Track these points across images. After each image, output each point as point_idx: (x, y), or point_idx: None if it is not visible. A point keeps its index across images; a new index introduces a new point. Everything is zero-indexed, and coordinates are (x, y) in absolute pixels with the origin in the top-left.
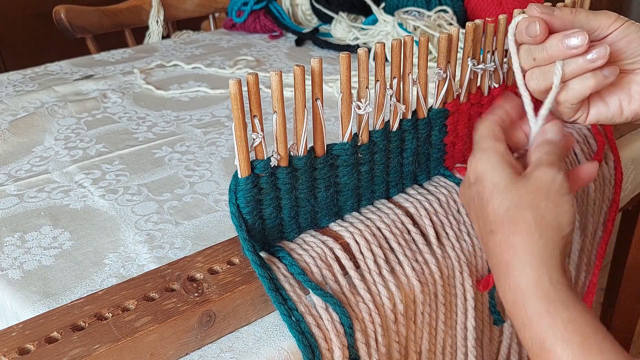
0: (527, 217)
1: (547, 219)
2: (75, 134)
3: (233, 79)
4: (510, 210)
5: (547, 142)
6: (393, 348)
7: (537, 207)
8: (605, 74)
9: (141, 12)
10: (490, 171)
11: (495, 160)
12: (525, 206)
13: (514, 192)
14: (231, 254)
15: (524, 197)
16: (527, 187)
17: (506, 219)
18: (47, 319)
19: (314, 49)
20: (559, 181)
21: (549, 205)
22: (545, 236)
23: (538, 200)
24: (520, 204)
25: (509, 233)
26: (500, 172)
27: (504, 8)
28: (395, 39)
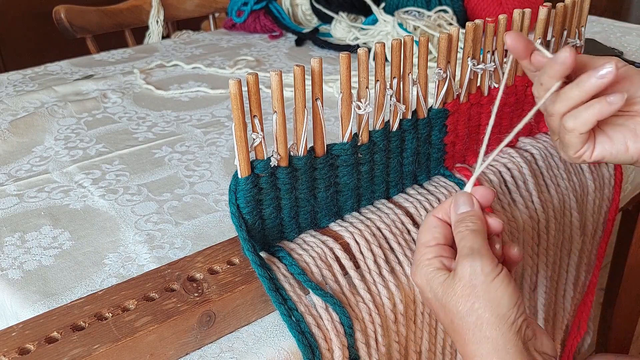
0: (468, 325)
1: (485, 319)
2: (75, 134)
3: (233, 79)
4: (454, 322)
5: (459, 220)
6: (393, 348)
7: (471, 311)
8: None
9: (141, 12)
10: (425, 284)
11: (426, 272)
12: (464, 314)
13: (451, 303)
14: (231, 254)
15: (458, 304)
16: (457, 292)
17: (455, 331)
18: (47, 319)
19: (314, 49)
20: (479, 270)
21: (481, 304)
22: (491, 337)
23: (470, 303)
24: (458, 314)
25: (462, 344)
26: (433, 282)
27: (504, 8)
28: (395, 39)
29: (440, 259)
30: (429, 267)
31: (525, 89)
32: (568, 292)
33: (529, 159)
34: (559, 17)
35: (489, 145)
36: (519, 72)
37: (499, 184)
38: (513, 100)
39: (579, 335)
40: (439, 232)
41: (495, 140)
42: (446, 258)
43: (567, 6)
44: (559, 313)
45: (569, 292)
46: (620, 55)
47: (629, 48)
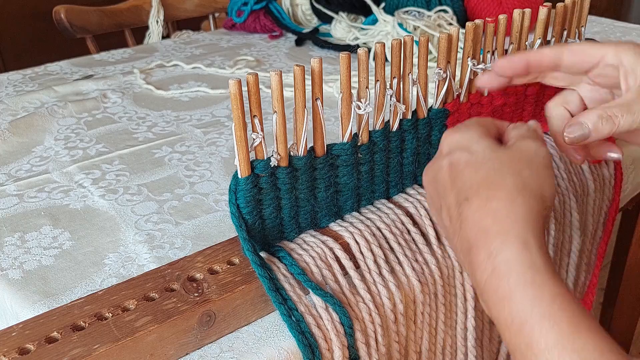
0: (509, 183)
1: (530, 186)
2: (75, 134)
3: (233, 79)
4: (489, 177)
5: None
6: (393, 348)
7: (518, 174)
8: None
9: (141, 12)
10: (467, 140)
11: (474, 132)
12: (506, 172)
13: (494, 159)
14: (231, 254)
15: (505, 163)
16: (508, 154)
17: (484, 185)
18: (47, 319)
19: (314, 49)
20: (543, 153)
21: (532, 174)
22: (528, 203)
23: (520, 167)
24: (501, 170)
25: (487, 199)
26: (479, 141)
27: (504, 8)
28: (395, 39)
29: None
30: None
31: (525, 89)
32: None
33: None
34: (559, 17)
35: None
36: None
37: None
38: (513, 101)
39: None
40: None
41: None
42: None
43: (567, 6)
44: None
45: None
46: None
47: None
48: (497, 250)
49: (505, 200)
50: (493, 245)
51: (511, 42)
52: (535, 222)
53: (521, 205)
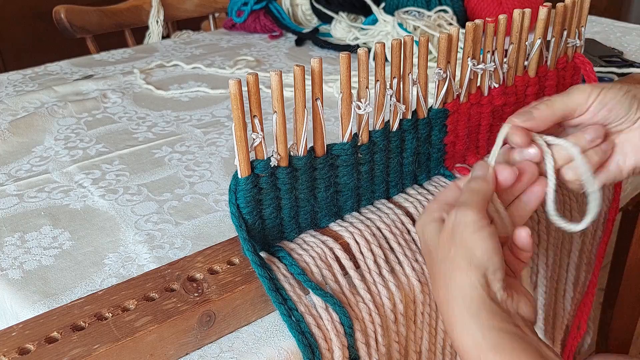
0: (444, 270)
1: (456, 264)
2: (75, 134)
3: (233, 79)
4: (433, 268)
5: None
6: (393, 348)
7: (447, 257)
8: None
9: (141, 12)
10: (421, 232)
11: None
12: (442, 258)
13: (436, 250)
14: (231, 254)
15: (440, 249)
16: (443, 237)
17: (434, 278)
18: (47, 319)
19: (314, 49)
20: (463, 220)
21: (456, 250)
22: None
23: (447, 249)
24: (439, 259)
25: (437, 290)
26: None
27: (504, 8)
28: (395, 39)
29: (442, 213)
30: (429, 217)
31: (525, 88)
32: (568, 292)
33: None
34: (559, 17)
35: (491, 145)
36: (519, 72)
37: None
38: (513, 100)
39: (579, 335)
40: (451, 194)
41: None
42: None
43: (567, 6)
44: (559, 313)
45: (569, 292)
46: (620, 55)
47: (629, 48)
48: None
49: (443, 289)
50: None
51: (511, 42)
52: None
53: (454, 289)
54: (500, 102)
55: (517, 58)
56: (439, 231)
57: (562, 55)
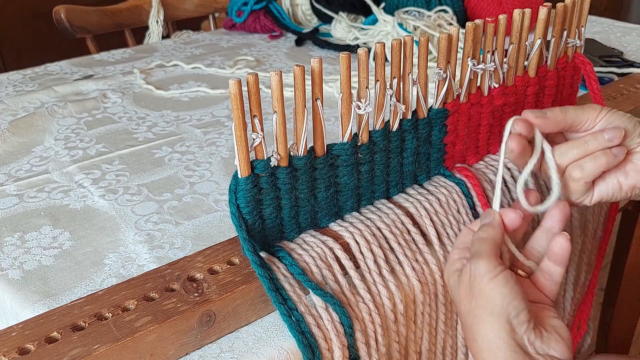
0: (469, 324)
1: (480, 318)
2: (75, 134)
3: (233, 79)
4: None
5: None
6: (393, 348)
7: (470, 311)
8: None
9: (141, 12)
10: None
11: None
12: (466, 314)
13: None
14: (231, 254)
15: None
16: (461, 290)
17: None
18: (47, 319)
19: (314, 49)
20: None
21: (477, 303)
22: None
23: (469, 303)
24: (463, 314)
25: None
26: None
27: (504, 8)
28: (395, 39)
29: (461, 262)
30: (451, 268)
31: (525, 88)
32: (568, 292)
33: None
34: (559, 17)
35: (491, 145)
36: (519, 72)
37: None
38: (513, 100)
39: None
40: (468, 239)
41: (496, 140)
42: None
43: (567, 6)
44: (559, 313)
45: (569, 292)
46: (620, 55)
47: (629, 48)
48: None
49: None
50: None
51: (511, 42)
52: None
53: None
54: (500, 102)
55: (517, 58)
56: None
57: (562, 55)
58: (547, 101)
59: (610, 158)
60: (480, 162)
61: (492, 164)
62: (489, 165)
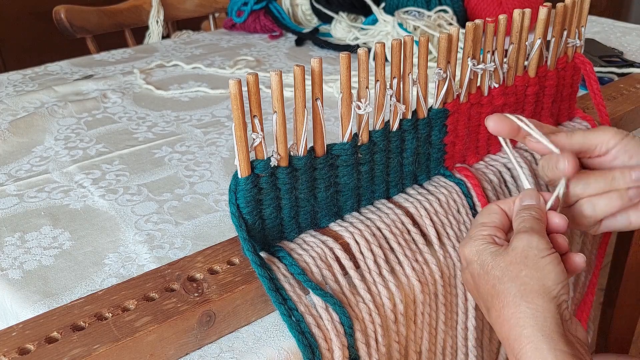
0: (511, 289)
1: (530, 286)
2: (75, 134)
3: (233, 79)
4: (495, 286)
5: (523, 208)
6: (393, 348)
7: (517, 277)
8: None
9: (141, 12)
10: (474, 253)
11: (479, 244)
12: (507, 278)
13: (497, 268)
14: (231, 254)
15: (505, 269)
16: (507, 258)
17: (494, 295)
18: (47, 319)
19: (314, 49)
20: (534, 244)
21: (529, 272)
22: (532, 304)
23: (517, 270)
24: (502, 277)
25: (499, 308)
26: (484, 252)
27: (504, 8)
28: (395, 39)
29: (494, 237)
30: (483, 241)
31: (525, 88)
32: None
33: (528, 159)
34: (559, 17)
35: (491, 145)
36: (519, 72)
37: (499, 183)
38: (513, 100)
39: None
40: (497, 217)
41: (496, 140)
42: (499, 238)
43: (567, 6)
44: None
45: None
46: (621, 55)
47: (629, 48)
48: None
49: (512, 308)
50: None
51: (511, 42)
52: (544, 321)
53: (526, 309)
54: (500, 102)
55: (517, 58)
56: (500, 254)
57: (562, 55)
58: (547, 101)
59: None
60: (480, 162)
61: (492, 164)
62: (489, 165)
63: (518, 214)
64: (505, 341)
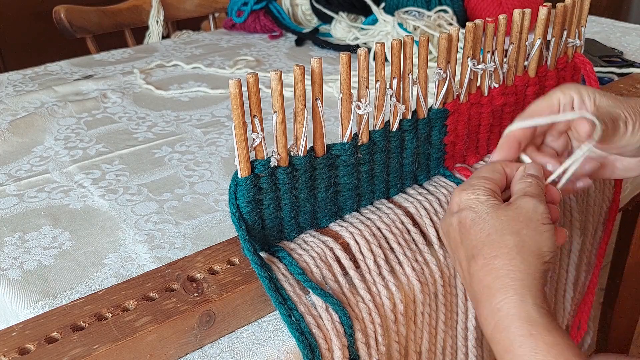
0: (508, 242)
1: (528, 245)
2: (75, 134)
3: (233, 79)
4: (491, 235)
5: (529, 176)
6: (393, 348)
7: (517, 233)
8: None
9: (141, 12)
10: (473, 201)
11: (480, 193)
12: (507, 232)
13: (496, 219)
14: (231, 254)
15: (505, 223)
16: (509, 214)
17: (487, 244)
18: (47, 319)
19: (314, 49)
20: (540, 210)
21: (529, 232)
22: (527, 261)
23: (519, 227)
24: (502, 229)
25: (490, 257)
26: (484, 202)
27: (504, 8)
28: (395, 39)
29: (494, 193)
30: (485, 192)
31: (525, 88)
32: (568, 292)
33: None
34: (559, 17)
35: (491, 145)
36: (519, 72)
37: None
38: (513, 100)
39: (579, 335)
40: (499, 177)
41: (496, 140)
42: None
43: (567, 6)
44: (559, 313)
45: (569, 292)
46: (621, 55)
47: (629, 48)
48: (499, 306)
49: (505, 259)
50: (495, 301)
51: (511, 42)
52: (533, 279)
53: (520, 264)
54: (500, 102)
55: (517, 58)
56: (501, 208)
57: (562, 55)
58: None
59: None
60: (480, 162)
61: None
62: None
63: (523, 178)
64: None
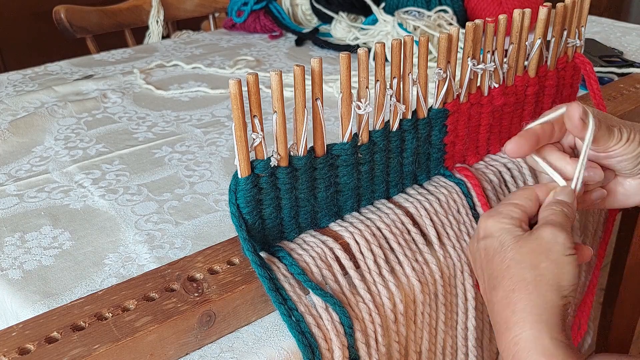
0: (527, 276)
1: (546, 279)
2: (75, 134)
3: (233, 79)
4: (510, 268)
5: (556, 202)
6: (393, 348)
7: (536, 267)
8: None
9: (141, 12)
10: (498, 229)
11: (506, 222)
12: (526, 265)
13: (516, 250)
14: (231, 254)
15: (525, 255)
16: (529, 245)
17: (507, 276)
18: (47, 319)
19: (314, 49)
20: (561, 241)
21: (549, 266)
22: (544, 296)
23: (538, 260)
24: (521, 262)
25: (508, 290)
26: (508, 232)
27: (504, 8)
28: (395, 39)
29: (522, 222)
30: (511, 221)
31: (525, 88)
32: None
33: None
34: (559, 17)
35: (491, 145)
36: (519, 72)
37: (499, 183)
38: (513, 100)
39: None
40: (530, 204)
41: (496, 140)
42: (525, 224)
43: (567, 6)
44: None
45: None
46: (620, 55)
47: (629, 48)
48: (516, 340)
49: (523, 293)
50: (512, 334)
51: (511, 42)
52: (550, 314)
53: (536, 298)
54: (500, 102)
55: (517, 58)
56: (523, 238)
57: (562, 55)
58: (547, 101)
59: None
60: (480, 162)
61: (492, 164)
62: (489, 165)
63: (549, 205)
64: (502, 322)
